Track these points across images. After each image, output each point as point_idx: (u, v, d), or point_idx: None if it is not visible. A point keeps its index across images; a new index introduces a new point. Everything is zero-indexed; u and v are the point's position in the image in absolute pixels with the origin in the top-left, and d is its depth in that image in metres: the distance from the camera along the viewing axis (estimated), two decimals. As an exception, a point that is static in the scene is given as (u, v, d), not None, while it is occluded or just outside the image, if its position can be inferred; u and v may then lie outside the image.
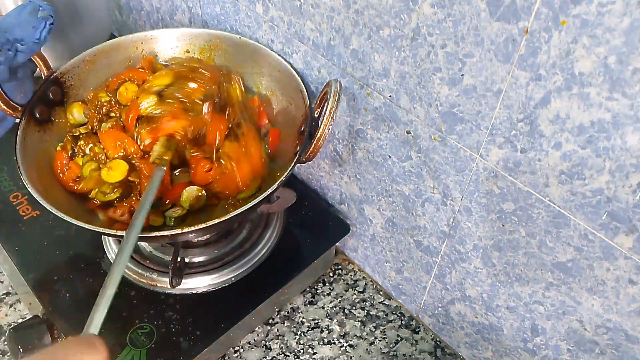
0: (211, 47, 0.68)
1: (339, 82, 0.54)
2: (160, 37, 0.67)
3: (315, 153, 0.54)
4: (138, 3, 0.89)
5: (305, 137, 0.55)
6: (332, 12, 0.53)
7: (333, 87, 0.53)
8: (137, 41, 0.67)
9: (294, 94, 0.61)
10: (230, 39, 0.66)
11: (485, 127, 0.46)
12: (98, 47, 0.64)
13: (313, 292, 0.70)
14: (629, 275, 0.42)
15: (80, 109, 0.62)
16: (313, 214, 0.70)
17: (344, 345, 0.65)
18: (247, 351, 0.64)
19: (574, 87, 0.38)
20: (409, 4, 0.45)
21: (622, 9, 0.33)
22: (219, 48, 0.67)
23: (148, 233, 0.51)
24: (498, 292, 0.54)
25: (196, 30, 0.68)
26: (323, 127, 0.52)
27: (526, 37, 0.39)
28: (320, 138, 0.53)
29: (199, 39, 0.68)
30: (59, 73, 0.61)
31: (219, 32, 0.67)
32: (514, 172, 0.46)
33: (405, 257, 0.64)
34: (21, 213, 0.68)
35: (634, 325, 0.44)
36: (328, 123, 0.52)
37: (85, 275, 0.62)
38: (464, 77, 0.45)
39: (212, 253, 0.63)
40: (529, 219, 0.47)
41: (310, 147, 0.54)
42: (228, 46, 0.67)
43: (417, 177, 0.56)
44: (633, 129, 0.36)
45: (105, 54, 0.65)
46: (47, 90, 0.60)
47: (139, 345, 0.56)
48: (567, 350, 0.51)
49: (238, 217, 0.50)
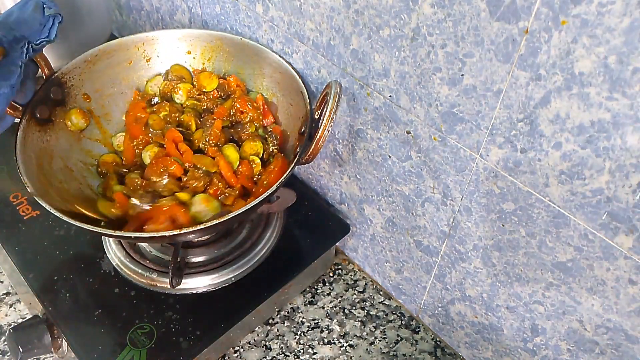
0: (212, 48, 0.68)
1: (339, 83, 0.54)
2: (162, 38, 0.67)
3: (315, 155, 0.54)
4: (138, 3, 0.89)
5: (305, 139, 0.55)
6: (332, 12, 0.53)
7: (333, 88, 0.53)
8: (139, 42, 0.67)
9: (294, 96, 0.61)
10: (231, 40, 0.66)
11: (485, 127, 0.46)
12: (100, 48, 0.64)
13: (313, 292, 0.70)
14: (629, 275, 0.42)
15: (79, 115, 0.62)
16: (313, 214, 0.70)
17: (344, 345, 0.65)
18: (247, 351, 0.64)
19: (574, 87, 0.38)
20: (409, 4, 0.45)
21: (622, 9, 0.33)
22: (220, 49, 0.67)
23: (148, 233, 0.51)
24: (498, 292, 0.54)
25: (197, 31, 0.68)
26: (322, 129, 0.52)
27: (526, 37, 0.39)
28: (319, 140, 0.53)
29: (200, 40, 0.68)
30: (60, 73, 0.61)
31: (220, 33, 0.67)
32: (514, 172, 0.46)
33: (405, 257, 0.64)
34: (21, 213, 0.68)
35: (634, 325, 0.44)
36: (328, 125, 0.52)
37: (85, 275, 0.62)
38: (464, 77, 0.45)
39: (212, 253, 0.63)
40: (529, 219, 0.47)
41: (310, 149, 0.54)
42: (229, 47, 0.67)
43: (417, 177, 0.56)
44: (633, 129, 0.36)
45: (107, 54, 0.65)
46: (48, 90, 0.60)
47: (139, 345, 0.56)
48: (567, 350, 0.51)
49: (238, 217, 0.50)
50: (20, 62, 0.52)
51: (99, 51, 0.64)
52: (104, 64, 0.65)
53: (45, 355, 0.62)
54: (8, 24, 0.53)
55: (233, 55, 0.67)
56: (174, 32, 0.68)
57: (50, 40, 0.55)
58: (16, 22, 0.53)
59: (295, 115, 0.61)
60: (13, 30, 0.53)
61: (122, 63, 0.66)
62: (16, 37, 0.53)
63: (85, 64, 0.64)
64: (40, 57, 0.59)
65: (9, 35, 0.52)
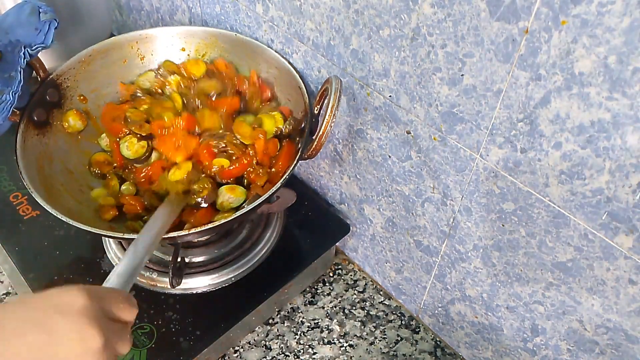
0: (207, 45, 0.67)
1: (339, 78, 0.54)
2: (156, 36, 0.67)
3: (318, 150, 0.53)
4: (138, 3, 0.89)
5: (305, 134, 0.54)
6: (332, 12, 0.53)
7: (334, 83, 0.53)
8: (133, 40, 0.66)
9: (292, 92, 0.61)
10: (226, 36, 0.66)
11: (485, 127, 0.46)
12: (94, 47, 0.64)
13: (313, 292, 0.70)
14: (629, 275, 0.42)
15: (76, 117, 0.62)
16: (313, 214, 0.70)
17: (344, 345, 0.65)
18: (247, 351, 0.64)
19: (574, 87, 0.38)
20: (409, 4, 0.45)
21: (622, 9, 0.33)
22: (215, 45, 0.67)
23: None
24: (498, 292, 0.54)
25: (192, 28, 0.67)
26: (326, 124, 0.51)
27: (526, 37, 0.39)
28: (323, 135, 0.52)
29: (195, 37, 0.67)
30: (55, 75, 0.61)
31: (215, 29, 0.67)
32: (514, 172, 0.46)
33: (405, 257, 0.64)
34: (21, 213, 0.68)
35: (634, 325, 0.44)
36: (330, 120, 0.51)
37: (85, 276, 0.62)
38: (464, 77, 0.45)
39: (212, 253, 0.63)
40: (529, 219, 0.47)
41: (313, 144, 0.53)
42: (224, 44, 0.67)
43: (417, 177, 0.56)
44: (633, 129, 0.36)
45: (101, 54, 0.65)
46: (45, 92, 0.60)
47: (139, 345, 0.56)
48: (567, 350, 0.51)
49: (238, 218, 0.50)
50: (20, 68, 0.52)
51: (93, 51, 0.64)
52: (98, 64, 0.65)
53: (45, 355, 0.61)
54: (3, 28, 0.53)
55: (228, 51, 0.67)
56: (168, 30, 0.67)
57: (47, 46, 0.55)
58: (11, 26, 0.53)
59: (293, 110, 0.61)
60: (8, 34, 0.53)
61: (117, 62, 0.66)
62: (11, 41, 0.53)
63: (80, 64, 0.63)
64: (35, 60, 0.58)
65: (3, 39, 0.52)
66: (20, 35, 0.53)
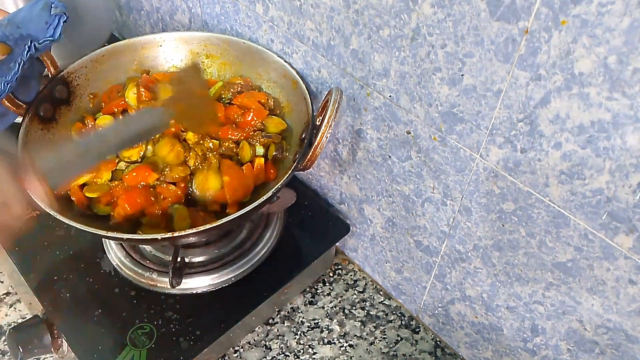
0: (219, 50, 0.68)
1: (340, 90, 0.54)
2: (168, 40, 0.68)
3: (313, 162, 0.54)
4: (138, 3, 0.89)
5: (305, 145, 0.55)
6: (332, 12, 0.53)
7: (333, 95, 0.53)
8: (146, 43, 0.67)
9: (298, 101, 0.61)
10: (237, 44, 0.66)
11: (485, 127, 0.46)
12: (107, 48, 0.65)
13: (313, 292, 0.70)
14: (629, 275, 0.42)
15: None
16: (313, 214, 0.70)
17: (344, 345, 0.65)
18: (247, 351, 0.64)
19: (574, 87, 0.38)
20: (409, 4, 0.45)
21: (622, 9, 0.33)
22: (226, 52, 0.67)
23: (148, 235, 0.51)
24: (498, 292, 0.54)
25: (204, 34, 0.68)
26: (321, 136, 0.52)
27: (526, 37, 0.39)
28: (317, 146, 0.53)
29: (207, 43, 0.68)
30: (65, 72, 0.62)
31: (227, 36, 0.67)
32: (514, 172, 0.46)
33: (405, 257, 0.64)
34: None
35: (634, 325, 0.44)
36: (326, 132, 0.52)
37: (85, 275, 0.62)
38: (464, 77, 0.45)
39: (212, 253, 0.63)
40: (529, 219, 0.47)
41: (308, 156, 0.54)
42: (235, 51, 0.67)
43: (417, 177, 0.56)
44: (633, 129, 0.36)
45: (114, 55, 0.65)
46: (53, 89, 0.60)
47: (139, 345, 0.56)
48: (567, 350, 0.51)
49: (238, 219, 0.50)
50: (20, 60, 0.52)
51: (106, 52, 0.65)
52: (110, 64, 0.65)
53: (45, 355, 0.61)
54: (15, 23, 0.53)
55: (239, 58, 0.67)
56: (180, 35, 0.68)
57: (55, 39, 0.55)
58: (23, 21, 0.53)
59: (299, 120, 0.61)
60: (20, 28, 0.53)
61: (129, 64, 0.67)
62: (22, 35, 0.53)
63: (92, 63, 0.64)
64: (47, 56, 0.59)
65: (15, 33, 0.52)
66: (31, 30, 0.53)
